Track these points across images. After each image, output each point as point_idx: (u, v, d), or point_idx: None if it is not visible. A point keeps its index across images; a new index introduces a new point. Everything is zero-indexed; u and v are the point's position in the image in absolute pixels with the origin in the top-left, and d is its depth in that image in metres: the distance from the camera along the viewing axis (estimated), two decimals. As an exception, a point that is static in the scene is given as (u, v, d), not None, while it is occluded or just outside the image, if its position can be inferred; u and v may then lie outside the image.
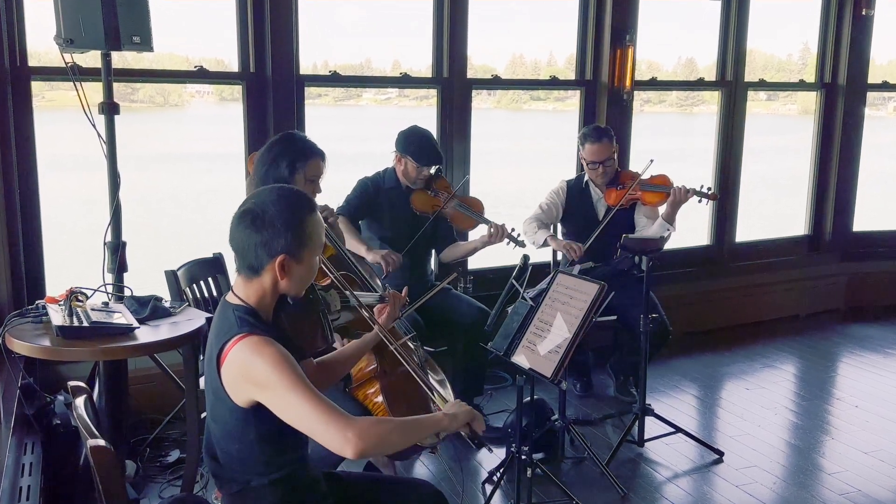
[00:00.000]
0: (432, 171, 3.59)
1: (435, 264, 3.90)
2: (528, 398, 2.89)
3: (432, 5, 4.16)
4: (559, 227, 4.09)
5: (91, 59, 3.08)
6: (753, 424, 3.77)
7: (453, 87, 4.20)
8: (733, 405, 4.02)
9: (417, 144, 3.52)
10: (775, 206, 8.54)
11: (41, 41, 3.25)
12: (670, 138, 3.79)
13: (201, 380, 2.80)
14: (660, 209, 3.88)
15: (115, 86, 3.01)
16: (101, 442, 1.59)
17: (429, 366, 2.67)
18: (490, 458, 3.35)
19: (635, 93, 4.60)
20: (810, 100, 5.63)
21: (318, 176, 2.73)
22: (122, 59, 3.39)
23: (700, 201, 3.82)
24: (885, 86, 5.65)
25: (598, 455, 3.24)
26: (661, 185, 3.84)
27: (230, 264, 3.01)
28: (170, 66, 3.89)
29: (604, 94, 4.55)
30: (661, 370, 4.35)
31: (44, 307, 2.73)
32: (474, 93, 4.33)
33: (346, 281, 2.49)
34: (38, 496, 2.39)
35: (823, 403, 4.07)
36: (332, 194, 3.56)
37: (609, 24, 4.46)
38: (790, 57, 6.95)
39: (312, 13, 3.92)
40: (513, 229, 3.56)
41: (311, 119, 3.89)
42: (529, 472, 2.81)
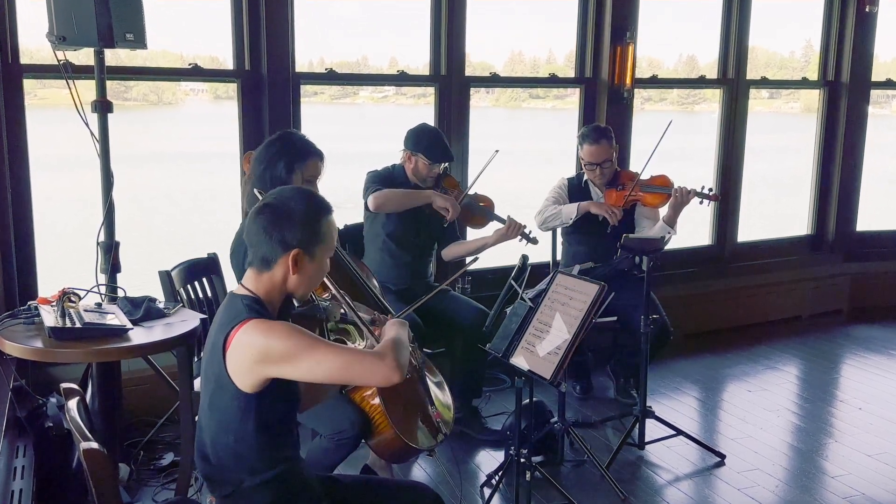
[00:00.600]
0: (441, 169, 3.56)
1: (435, 265, 3.87)
2: (528, 400, 2.87)
3: (430, 2, 4.13)
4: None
5: (84, 56, 3.07)
6: (755, 427, 3.75)
7: (451, 85, 4.18)
8: (735, 407, 4.00)
9: (428, 141, 3.48)
10: (777, 206, 8.52)
11: (33, 38, 3.24)
12: (671, 137, 3.77)
13: (196, 381, 2.80)
14: (660, 211, 3.84)
15: (109, 84, 3.01)
16: (94, 445, 1.59)
17: (426, 367, 2.66)
18: (489, 460, 3.35)
19: (636, 91, 4.58)
20: (813, 98, 5.62)
21: (316, 176, 2.72)
22: (115, 57, 3.37)
23: (701, 202, 3.79)
24: (888, 83, 5.62)
25: (599, 458, 3.23)
26: (661, 186, 3.80)
27: (225, 265, 3.00)
28: (164, 64, 3.88)
29: (604, 92, 4.53)
30: (662, 372, 4.33)
31: (36, 308, 2.73)
32: (472, 91, 4.31)
33: (345, 297, 2.48)
34: (30, 500, 2.38)
35: (826, 405, 4.05)
36: (330, 194, 3.53)
37: (609, 20, 4.44)
38: (793, 54, 6.93)
39: (308, 9, 3.93)
40: (525, 226, 3.52)
41: (307, 117, 3.87)
42: (528, 475, 2.79)
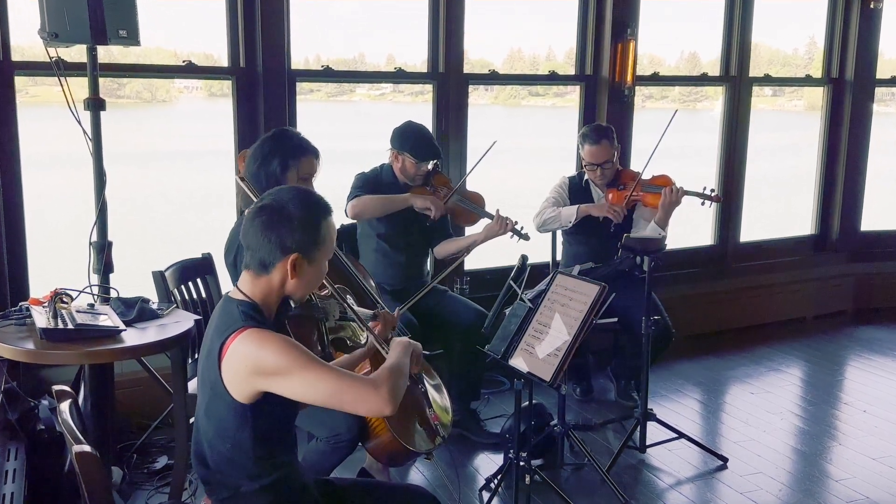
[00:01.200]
0: (430, 166, 3.52)
1: (432, 264, 3.84)
2: (527, 403, 2.86)
3: (428, -2, 4.10)
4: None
5: (76, 53, 3.06)
6: (758, 430, 3.72)
7: (449, 83, 4.15)
8: (738, 410, 3.98)
9: (414, 140, 3.46)
10: (780, 205, 8.48)
11: (25, 35, 3.23)
12: (673, 135, 3.74)
13: (190, 383, 2.78)
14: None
15: (101, 81, 3.00)
16: (87, 448, 1.58)
17: (424, 369, 2.62)
18: (487, 464, 3.33)
19: (637, 88, 4.55)
20: (817, 95, 5.59)
21: (312, 174, 2.70)
22: (108, 54, 3.37)
23: (703, 203, 3.75)
24: (893, 81, 5.60)
25: (599, 461, 3.21)
26: (663, 185, 3.76)
27: (220, 265, 2.98)
28: (157, 61, 3.86)
29: (604, 89, 4.50)
30: (664, 374, 4.31)
31: (27, 309, 2.71)
32: (471, 88, 4.28)
33: (343, 293, 2.45)
34: (21, 503, 2.36)
35: (830, 408, 4.03)
36: (326, 193, 3.50)
37: (610, 17, 4.41)
38: (796, 51, 6.88)
39: (304, 5, 3.90)
40: (516, 222, 3.50)
41: (303, 115, 3.85)
42: (528, 479, 2.78)
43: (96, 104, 2.93)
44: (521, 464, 2.77)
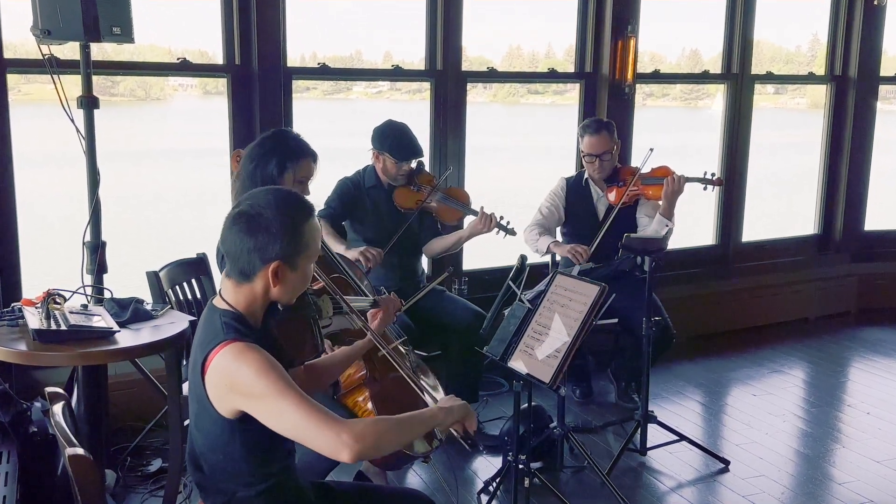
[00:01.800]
0: (413, 165, 3.49)
1: (427, 264, 3.81)
2: (526, 405, 2.85)
3: (426, -5, 4.08)
4: (558, 227, 4.00)
5: (69, 50, 3.05)
6: (760, 432, 3.70)
7: (447, 80, 4.12)
8: (739, 412, 3.96)
9: (393, 139, 3.43)
10: (782, 205, 8.46)
11: (17, 32, 3.22)
12: (674, 134, 3.71)
13: (184, 385, 2.75)
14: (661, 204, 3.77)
15: (95, 79, 2.97)
16: (80, 450, 1.56)
17: (421, 371, 2.65)
18: (486, 467, 3.30)
19: (637, 86, 4.53)
20: (820, 93, 5.56)
21: (309, 177, 2.67)
22: (101, 51, 3.36)
23: (705, 188, 3.74)
24: (897, 79, 5.56)
25: (599, 464, 3.18)
26: (662, 177, 3.73)
27: (214, 265, 2.94)
28: (151, 59, 3.86)
29: (604, 87, 4.47)
30: (665, 375, 4.29)
31: (20, 310, 2.69)
32: (469, 86, 4.26)
33: (337, 285, 2.42)
34: (13, 507, 2.35)
35: (833, 410, 4.01)
36: (324, 192, 3.48)
37: (610, 14, 4.39)
38: (799, 49, 6.85)
39: (300, 2, 3.88)
40: (501, 217, 3.46)
41: (299, 113, 3.83)
42: (527, 481, 2.76)
43: (90, 102, 2.91)
44: (520, 466, 2.75)
